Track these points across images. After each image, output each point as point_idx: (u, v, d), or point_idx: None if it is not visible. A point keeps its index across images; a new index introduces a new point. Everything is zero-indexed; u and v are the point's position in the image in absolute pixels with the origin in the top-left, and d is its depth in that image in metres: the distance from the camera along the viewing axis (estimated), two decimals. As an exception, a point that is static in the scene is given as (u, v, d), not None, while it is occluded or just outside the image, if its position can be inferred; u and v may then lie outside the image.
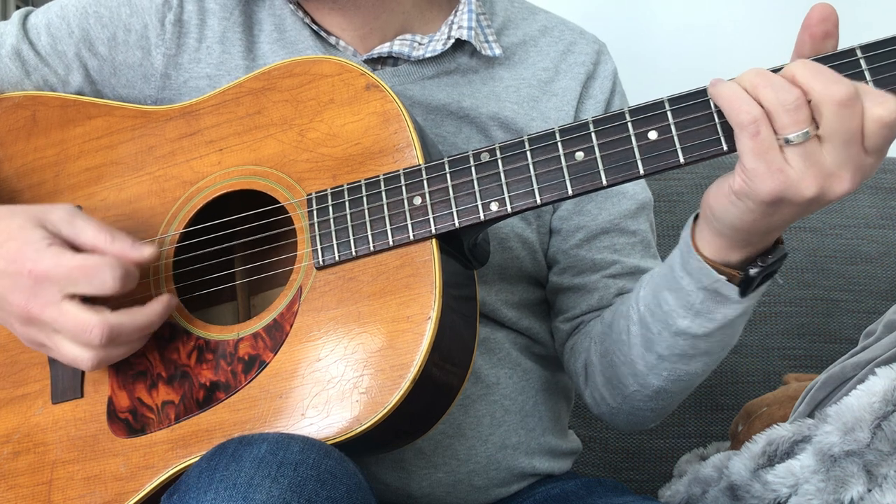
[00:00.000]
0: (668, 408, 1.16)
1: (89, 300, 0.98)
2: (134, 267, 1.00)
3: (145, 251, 1.00)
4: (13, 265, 0.98)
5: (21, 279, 0.97)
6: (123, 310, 0.98)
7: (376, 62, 1.21)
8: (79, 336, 0.97)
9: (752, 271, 0.94)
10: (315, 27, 1.21)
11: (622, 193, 1.24)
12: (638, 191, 1.26)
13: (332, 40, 1.21)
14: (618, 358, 1.11)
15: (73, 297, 0.97)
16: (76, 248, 1.00)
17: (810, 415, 1.18)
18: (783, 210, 0.85)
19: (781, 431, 1.12)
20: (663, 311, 1.02)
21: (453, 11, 1.22)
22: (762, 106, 0.82)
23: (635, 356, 1.08)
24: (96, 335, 0.96)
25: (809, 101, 0.81)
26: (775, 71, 0.84)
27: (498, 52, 1.21)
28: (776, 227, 0.90)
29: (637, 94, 1.30)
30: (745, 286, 0.96)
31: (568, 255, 1.23)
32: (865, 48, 0.84)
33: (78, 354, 0.98)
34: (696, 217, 0.97)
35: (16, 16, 1.26)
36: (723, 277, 0.95)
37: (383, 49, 1.19)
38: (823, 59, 0.84)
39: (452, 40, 1.18)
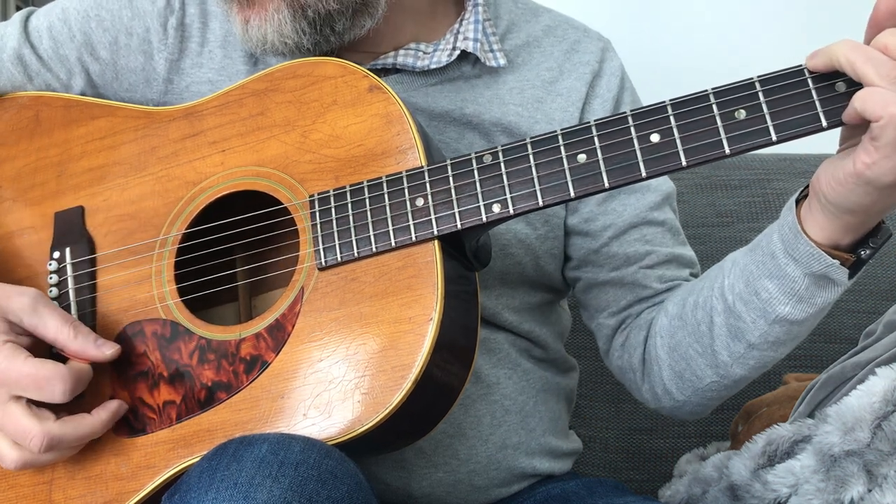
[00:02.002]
0: (729, 395, 1.16)
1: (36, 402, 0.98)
2: (88, 372, 1.00)
3: (107, 350, 1.01)
4: None
5: None
6: (68, 418, 0.98)
7: (379, 72, 1.19)
8: (18, 439, 0.97)
9: (865, 253, 0.94)
10: None
11: (646, 187, 1.23)
12: (660, 183, 1.25)
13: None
14: (694, 350, 1.11)
15: (19, 398, 0.97)
16: (37, 338, 1.00)
17: (810, 415, 1.19)
18: None
19: (781, 431, 1.12)
20: (761, 298, 1.01)
21: (459, 19, 1.21)
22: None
23: (719, 347, 1.07)
24: (36, 443, 0.96)
25: None
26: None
27: (503, 62, 1.19)
28: (893, 206, 0.90)
29: (641, 94, 1.31)
30: (855, 269, 0.95)
31: (600, 253, 1.22)
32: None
33: (7, 454, 0.98)
34: (797, 201, 0.96)
35: (16, 17, 1.25)
36: (836, 262, 0.94)
37: (387, 61, 1.18)
38: None
39: (458, 52, 1.17)
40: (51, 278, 1.10)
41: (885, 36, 0.83)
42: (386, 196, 0.98)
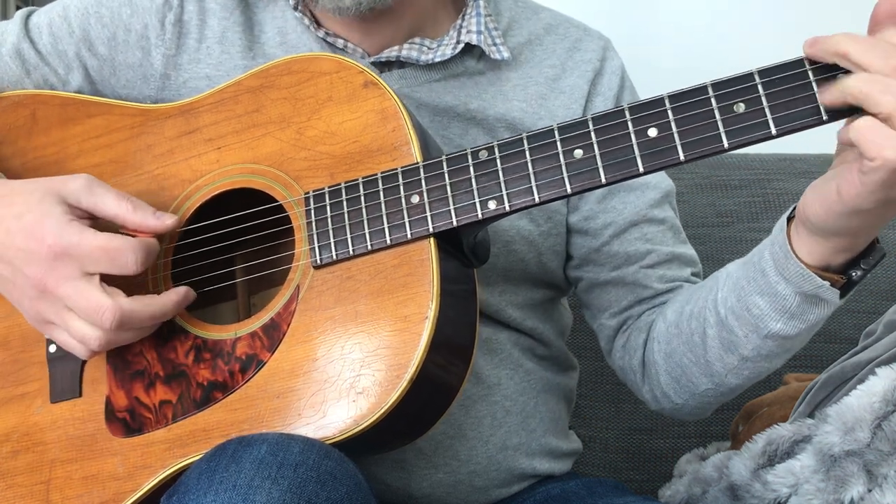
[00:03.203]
0: (729, 399, 1.15)
1: (105, 280, 0.98)
2: (155, 245, 1.01)
3: (167, 220, 1.01)
4: (32, 239, 0.98)
5: (39, 253, 0.98)
6: (139, 297, 0.99)
7: (384, 65, 1.20)
8: (91, 316, 0.97)
9: (856, 275, 0.93)
10: (321, 33, 1.19)
11: (645, 185, 1.23)
12: (660, 180, 1.25)
13: (340, 43, 1.19)
14: (688, 359, 1.10)
15: (91, 275, 0.97)
16: (96, 218, 1.01)
17: (810, 415, 1.19)
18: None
19: (781, 431, 1.12)
20: (753, 314, 1.00)
21: (461, 15, 1.22)
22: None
23: (712, 358, 1.07)
24: (108, 318, 0.96)
25: None
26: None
27: (506, 55, 1.20)
28: (883, 222, 0.88)
29: (639, 93, 1.30)
30: (846, 289, 0.95)
31: (601, 252, 1.22)
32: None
33: (87, 333, 0.98)
34: (789, 218, 0.95)
35: (18, 15, 1.26)
36: (826, 283, 0.93)
37: (392, 53, 1.18)
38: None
39: (462, 45, 1.18)
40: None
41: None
42: (381, 193, 0.98)
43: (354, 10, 1.12)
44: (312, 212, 1.00)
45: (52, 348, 1.07)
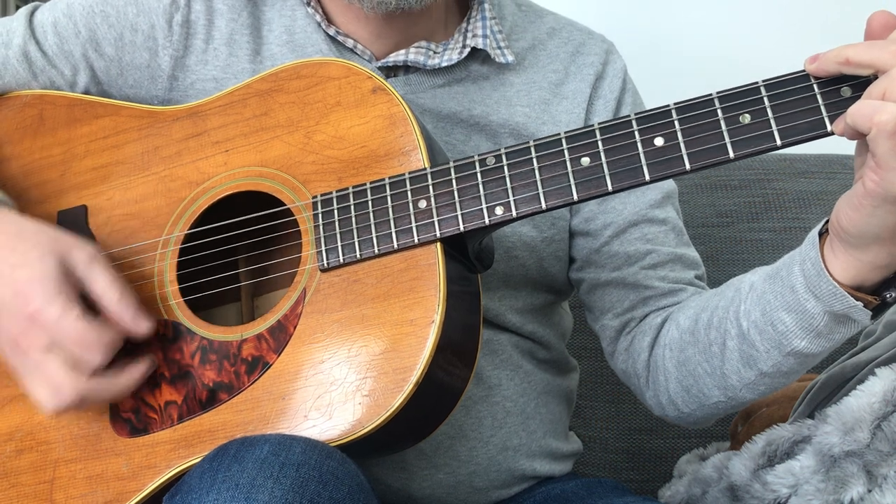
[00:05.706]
0: (736, 411, 1.14)
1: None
2: (121, 341, 1.00)
3: (142, 326, 1.00)
4: (19, 297, 0.98)
5: (21, 313, 0.97)
6: (99, 378, 0.98)
7: (389, 70, 1.20)
8: (49, 390, 0.97)
9: (891, 296, 0.91)
10: (332, 31, 1.19)
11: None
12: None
13: (350, 43, 1.19)
14: (703, 369, 1.08)
15: (57, 352, 0.97)
16: (84, 291, 1.00)
17: (810, 415, 1.19)
18: None
19: (781, 432, 1.13)
20: (777, 331, 0.98)
21: (466, 18, 1.21)
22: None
23: (729, 371, 1.05)
24: (66, 397, 0.96)
25: None
26: None
27: (511, 58, 1.20)
28: None
29: (644, 98, 1.31)
30: (879, 311, 0.93)
31: (601, 252, 1.22)
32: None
33: (43, 399, 0.98)
34: (820, 234, 0.93)
35: (22, 13, 1.24)
36: (859, 304, 0.90)
37: (399, 57, 1.18)
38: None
39: (468, 49, 1.18)
40: (53, 277, 1.10)
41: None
42: (389, 198, 0.98)
43: (392, 5, 1.11)
44: (320, 215, 1.01)
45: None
